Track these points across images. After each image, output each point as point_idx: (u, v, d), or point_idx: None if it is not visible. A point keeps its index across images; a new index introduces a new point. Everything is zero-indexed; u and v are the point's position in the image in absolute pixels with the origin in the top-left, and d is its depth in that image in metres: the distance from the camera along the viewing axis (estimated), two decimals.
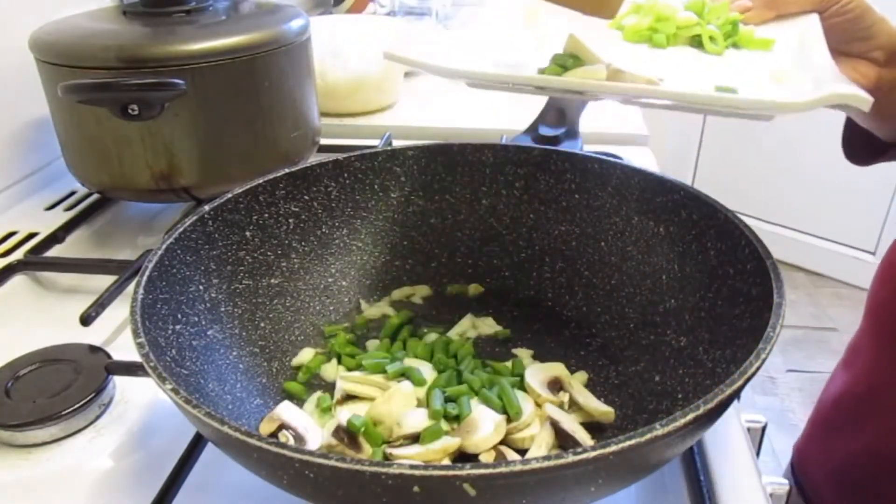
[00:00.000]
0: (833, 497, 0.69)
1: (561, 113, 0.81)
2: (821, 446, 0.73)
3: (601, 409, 0.47)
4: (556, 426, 0.45)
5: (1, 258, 0.69)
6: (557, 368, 0.51)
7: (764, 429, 0.59)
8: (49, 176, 0.85)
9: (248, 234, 0.54)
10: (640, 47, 0.58)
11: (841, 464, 0.68)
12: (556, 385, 0.50)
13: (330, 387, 0.52)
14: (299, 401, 0.50)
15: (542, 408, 0.47)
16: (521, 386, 0.50)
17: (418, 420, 0.45)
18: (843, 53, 0.56)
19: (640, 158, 0.92)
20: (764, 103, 0.44)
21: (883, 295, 0.67)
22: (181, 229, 0.48)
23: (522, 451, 0.45)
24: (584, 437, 0.45)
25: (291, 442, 0.44)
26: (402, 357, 0.52)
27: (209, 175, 0.70)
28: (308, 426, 0.45)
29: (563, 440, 0.45)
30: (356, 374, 0.51)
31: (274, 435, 0.44)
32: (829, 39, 0.55)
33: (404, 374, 0.49)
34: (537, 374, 0.50)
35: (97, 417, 0.51)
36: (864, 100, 0.43)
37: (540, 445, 0.44)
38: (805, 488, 0.73)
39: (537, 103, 0.76)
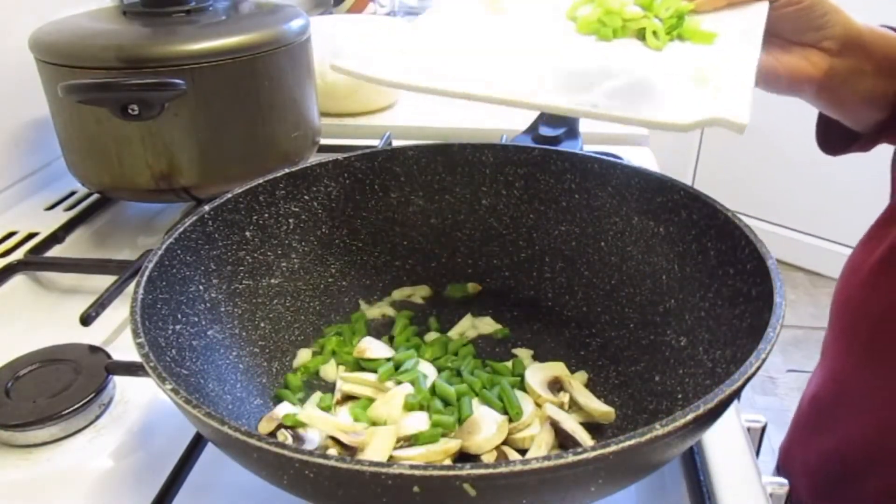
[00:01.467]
0: (809, 497, 0.69)
1: None
2: (800, 446, 0.73)
3: (601, 409, 0.47)
4: (556, 426, 0.45)
5: (1, 258, 0.69)
6: (557, 368, 0.51)
7: (764, 429, 0.59)
8: (49, 176, 0.85)
9: (248, 234, 0.54)
10: (590, 39, 0.59)
11: (815, 464, 0.69)
12: (556, 385, 0.50)
13: (330, 387, 0.52)
14: (299, 401, 0.50)
15: (542, 408, 0.47)
16: (522, 386, 0.50)
17: (418, 422, 0.45)
18: (795, 43, 0.56)
19: (640, 158, 0.92)
20: (642, 122, 0.45)
21: (845, 294, 0.67)
22: (181, 229, 0.48)
23: (522, 452, 0.45)
24: (584, 437, 0.45)
25: (290, 441, 0.44)
26: (402, 357, 0.52)
27: (209, 175, 0.70)
28: (307, 426, 0.45)
29: (563, 440, 0.45)
30: (356, 374, 0.51)
31: (273, 434, 0.44)
32: (781, 29, 0.55)
33: (404, 376, 0.49)
34: (537, 374, 0.50)
35: (97, 417, 0.51)
36: (739, 126, 0.43)
37: (540, 445, 0.44)
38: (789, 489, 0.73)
39: None
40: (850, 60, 0.56)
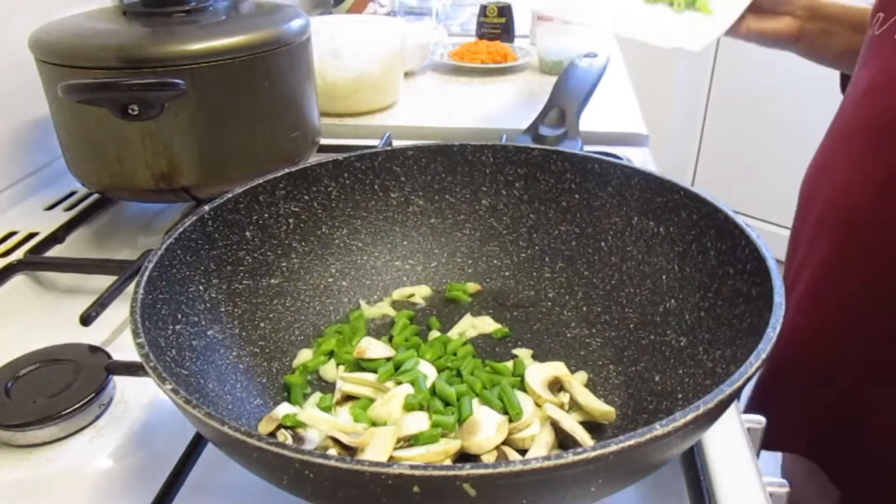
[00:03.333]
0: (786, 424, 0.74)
1: (561, 113, 0.81)
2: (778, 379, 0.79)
3: (601, 409, 0.47)
4: (556, 426, 0.45)
5: (1, 258, 0.69)
6: (557, 368, 0.51)
7: (764, 429, 0.59)
8: (49, 176, 0.85)
9: (248, 234, 0.54)
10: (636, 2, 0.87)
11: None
12: (556, 385, 0.50)
13: (330, 387, 0.52)
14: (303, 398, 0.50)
15: (542, 408, 0.47)
16: (522, 386, 0.50)
17: (418, 422, 0.45)
18: (774, 12, 0.81)
19: (640, 158, 0.92)
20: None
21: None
22: (181, 229, 0.48)
23: (522, 452, 0.45)
24: (584, 436, 0.45)
25: (290, 441, 0.44)
26: (402, 358, 0.52)
27: (209, 175, 0.70)
28: (307, 426, 0.45)
29: (564, 440, 0.45)
30: (356, 374, 0.51)
31: (273, 434, 0.44)
32: (763, 2, 0.79)
33: (404, 376, 0.49)
34: (537, 374, 0.50)
35: (97, 417, 0.51)
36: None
37: (540, 445, 0.44)
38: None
39: (537, 103, 0.76)
40: (817, 24, 0.80)
